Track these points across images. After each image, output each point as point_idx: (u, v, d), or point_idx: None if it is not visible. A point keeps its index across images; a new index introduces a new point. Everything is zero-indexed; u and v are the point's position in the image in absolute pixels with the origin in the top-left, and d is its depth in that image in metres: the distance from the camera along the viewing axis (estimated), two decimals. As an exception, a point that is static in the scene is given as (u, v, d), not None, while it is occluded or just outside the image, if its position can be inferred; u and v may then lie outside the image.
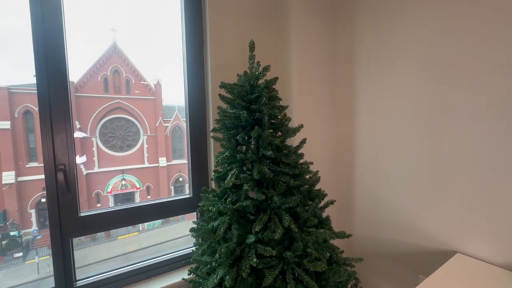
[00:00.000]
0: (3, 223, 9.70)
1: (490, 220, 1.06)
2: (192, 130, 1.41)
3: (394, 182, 1.40)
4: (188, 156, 1.42)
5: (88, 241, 10.49)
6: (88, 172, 11.06)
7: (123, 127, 11.37)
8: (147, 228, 11.50)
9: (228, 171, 1.03)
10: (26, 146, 10.01)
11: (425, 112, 1.24)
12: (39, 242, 10.32)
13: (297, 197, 0.92)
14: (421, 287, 0.93)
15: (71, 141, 1.16)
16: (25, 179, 10.12)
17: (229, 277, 0.86)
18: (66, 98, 1.14)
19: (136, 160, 11.69)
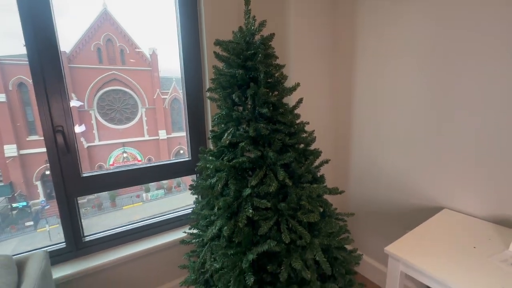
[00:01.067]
0: (11, 194, 10.02)
1: (476, 178, 1.11)
2: (188, 91, 1.40)
3: (389, 144, 1.43)
4: (185, 119, 1.43)
5: (95, 210, 10.91)
6: (89, 145, 11.14)
7: (120, 99, 11.19)
8: (150, 198, 11.89)
9: (225, 130, 1.04)
10: (25, 119, 9.96)
11: (423, 77, 1.22)
12: (48, 212, 10.75)
13: (292, 154, 0.94)
14: (407, 237, 0.99)
15: (67, 104, 1.15)
16: (27, 152, 10.23)
17: (227, 227, 0.91)
18: (58, 65, 1.11)
19: (136, 133, 11.70)
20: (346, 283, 1.04)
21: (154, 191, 11.67)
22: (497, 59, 0.99)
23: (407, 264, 0.87)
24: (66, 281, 1.16)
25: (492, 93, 1.02)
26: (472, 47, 1.05)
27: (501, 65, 0.98)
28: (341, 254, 1.06)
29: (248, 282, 0.85)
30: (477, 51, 1.04)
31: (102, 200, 11.21)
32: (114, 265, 1.26)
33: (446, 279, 0.76)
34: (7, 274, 0.83)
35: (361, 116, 1.56)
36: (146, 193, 11.61)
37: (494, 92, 1.01)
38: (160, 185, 12.05)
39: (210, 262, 1.00)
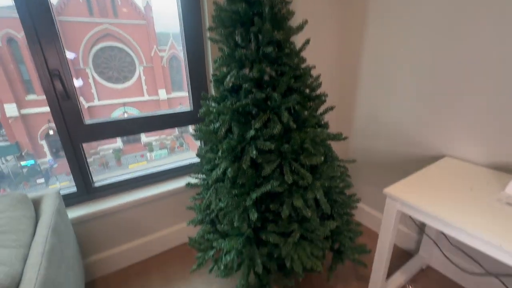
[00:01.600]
0: (19, 153, 10.26)
1: (478, 126, 1.10)
2: (187, 33, 1.30)
3: (394, 95, 1.38)
4: (185, 65, 1.37)
5: (102, 169, 11.26)
6: (90, 105, 11.03)
7: (116, 57, 10.73)
8: (154, 158, 12.18)
9: (227, 73, 1.00)
10: (20, 78, 9.70)
11: (432, 30, 1.13)
12: (56, 170, 11.12)
13: (297, 96, 0.91)
14: (406, 180, 1.01)
15: (61, 49, 1.09)
16: (28, 112, 10.20)
17: (231, 169, 0.93)
18: (48, 12, 1.02)
19: (135, 92, 11.47)
20: (344, 222, 1.11)
21: (158, 151, 11.93)
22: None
23: (404, 203, 0.90)
24: (79, 222, 1.24)
25: (500, 47, 0.95)
26: None
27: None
28: (341, 197, 1.10)
29: (252, 218, 0.90)
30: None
31: (108, 159, 11.52)
32: (124, 208, 1.34)
33: (440, 215, 0.79)
34: (25, 208, 0.88)
35: (368, 64, 1.49)
36: (150, 152, 11.89)
37: (502, 45, 0.94)
38: (163, 145, 12.26)
39: (215, 202, 1.05)
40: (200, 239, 1.17)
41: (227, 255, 0.99)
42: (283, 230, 0.97)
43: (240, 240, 0.97)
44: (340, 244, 1.13)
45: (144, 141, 12.02)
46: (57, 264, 0.78)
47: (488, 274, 1.18)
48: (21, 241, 0.75)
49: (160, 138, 12.14)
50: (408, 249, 1.53)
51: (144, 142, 12.05)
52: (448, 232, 0.80)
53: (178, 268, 1.43)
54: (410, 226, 1.49)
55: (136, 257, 1.47)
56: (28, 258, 0.71)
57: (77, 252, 1.12)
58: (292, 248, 0.95)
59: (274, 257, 1.04)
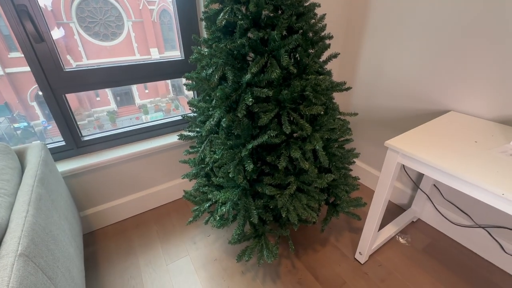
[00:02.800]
0: (10, 114, 10.03)
1: (485, 80, 1.04)
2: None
3: (402, 47, 1.27)
4: (174, 8, 1.21)
5: (97, 131, 11.19)
6: (78, 63, 10.45)
7: (101, 10, 9.84)
8: (150, 120, 12.04)
9: (220, 10, 0.87)
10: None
11: None
12: (51, 132, 11.03)
13: (299, 37, 0.81)
14: (408, 133, 0.97)
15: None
16: (13, 71, 9.68)
17: (225, 119, 0.87)
18: None
19: (126, 51, 10.80)
20: (341, 176, 1.09)
21: (153, 113, 11.71)
22: None
23: (405, 155, 0.87)
24: (71, 175, 1.22)
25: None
26: None
27: None
28: (340, 151, 1.07)
29: (247, 169, 0.87)
30: None
31: (103, 121, 11.36)
32: (117, 162, 1.31)
33: (442, 166, 0.76)
34: (8, 158, 0.83)
35: (377, 14, 1.34)
36: (145, 115, 11.67)
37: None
38: (158, 107, 12.00)
39: (210, 155, 1.01)
40: (196, 192, 1.16)
41: (223, 206, 0.99)
42: (279, 182, 0.96)
43: (235, 192, 0.95)
44: (335, 198, 1.13)
45: (139, 103, 11.70)
46: (47, 213, 0.76)
47: (477, 226, 1.22)
48: (6, 190, 0.72)
49: (155, 100, 11.82)
50: (401, 204, 1.56)
51: (138, 104, 11.74)
52: (449, 183, 0.78)
53: (176, 220, 1.46)
54: (405, 182, 1.51)
55: (133, 210, 1.48)
56: (14, 205, 0.69)
57: (71, 205, 1.11)
58: (288, 199, 0.94)
59: (270, 208, 1.04)
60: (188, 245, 1.31)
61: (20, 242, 0.57)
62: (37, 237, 0.63)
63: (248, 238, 1.08)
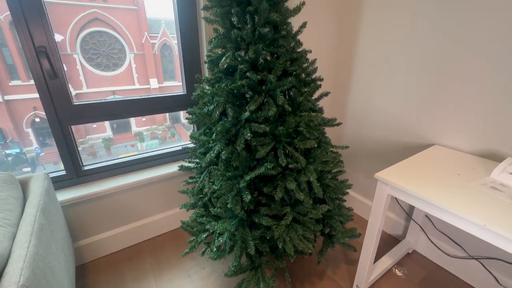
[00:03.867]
0: (3, 141, 9.91)
1: (467, 116, 1.14)
2: (180, 12, 1.26)
3: (389, 85, 1.40)
4: (179, 47, 1.33)
5: (90, 158, 11.02)
6: (78, 92, 10.69)
7: (105, 43, 10.35)
8: (145, 148, 12.00)
9: (222, 55, 0.98)
10: (3, 62, 9.28)
11: (424, 23, 1.14)
12: (43, 159, 10.84)
13: (293, 79, 0.91)
14: (396, 166, 1.04)
15: (47, 24, 1.04)
16: (12, 98, 9.81)
17: (225, 151, 0.93)
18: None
19: (126, 80, 11.15)
20: (336, 206, 1.13)
21: (149, 141, 11.74)
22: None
23: (394, 187, 0.92)
24: (70, 204, 1.22)
25: (487, 40, 0.96)
26: None
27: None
28: (333, 182, 1.12)
29: (245, 199, 0.90)
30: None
31: (97, 149, 11.27)
32: (115, 192, 1.32)
33: (428, 197, 0.82)
34: (12, 188, 0.85)
35: (363, 54, 1.49)
36: (141, 143, 11.68)
37: (489, 39, 0.96)
38: (154, 135, 12.06)
39: (209, 186, 1.05)
40: (193, 222, 1.17)
41: (220, 237, 1.00)
42: (276, 213, 0.98)
43: (233, 222, 0.97)
44: (331, 228, 1.15)
45: (135, 130, 11.78)
46: (47, 244, 0.77)
47: (470, 258, 1.24)
48: (9, 220, 0.73)
49: (151, 128, 11.93)
50: (395, 235, 1.58)
51: (134, 131, 11.81)
52: (436, 214, 0.83)
53: (170, 252, 1.43)
54: (398, 212, 1.54)
55: (127, 241, 1.46)
56: (17, 236, 0.70)
57: (67, 235, 1.10)
58: (284, 230, 0.97)
59: (267, 239, 1.05)
60: (183, 279, 1.27)
61: (22, 274, 0.58)
62: (37, 268, 0.64)
63: (244, 270, 1.07)
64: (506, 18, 0.96)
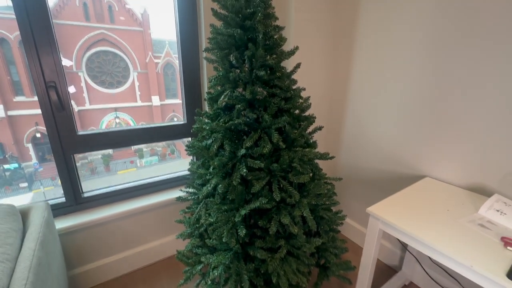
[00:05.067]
0: (2, 155, 9.92)
1: (458, 150, 1.18)
2: (183, 51, 1.36)
3: (381, 116, 1.46)
4: (181, 81, 1.41)
5: (89, 174, 10.98)
6: (80, 108, 10.86)
7: (110, 61, 10.68)
8: (144, 164, 12.00)
9: (221, 92, 1.04)
10: (10, 79, 9.51)
11: (419, 58, 1.22)
12: (41, 174, 10.79)
13: (287, 118, 0.96)
14: (387, 200, 1.07)
15: (58, 60, 1.12)
16: (15, 114, 9.95)
17: (221, 185, 0.96)
18: (46, 17, 1.05)
19: (128, 98, 11.37)
20: (330, 239, 1.14)
21: (148, 158, 11.74)
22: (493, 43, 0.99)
23: (385, 223, 0.95)
24: (67, 232, 1.23)
25: (477, 79, 1.04)
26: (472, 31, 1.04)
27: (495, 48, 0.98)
28: (327, 214, 1.14)
29: (240, 234, 0.92)
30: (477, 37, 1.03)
31: (96, 164, 11.25)
32: (113, 219, 1.34)
33: (418, 235, 0.84)
34: (13, 220, 0.87)
35: (356, 88, 1.57)
36: (140, 159, 11.68)
37: (478, 78, 1.03)
38: (154, 151, 12.09)
39: (205, 217, 1.07)
40: (188, 252, 1.18)
41: (215, 270, 1.01)
42: (270, 246, 1.00)
43: (228, 255, 0.99)
44: (325, 261, 1.16)
45: (134, 147, 11.82)
46: (43, 279, 0.78)
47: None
48: (9, 255, 0.75)
49: (151, 145, 11.98)
50: (392, 265, 1.57)
51: (134, 148, 11.85)
52: (425, 252, 0.85)
53: (165, 281, 1.42)
54: (394, 243, 1.54)
55: (123, 269, 1.45)
56: (15, 272, 0.71)
57: (62, 265, 1.11)
58: (278, 264, 0.98)
59: (261, 272, 1.06)
60: (176, 310, 1.26)
61: (19, 314, 0.59)
62: (34, 307, 0.65)
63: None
64: (495, 58, 1.03)
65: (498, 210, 0.95)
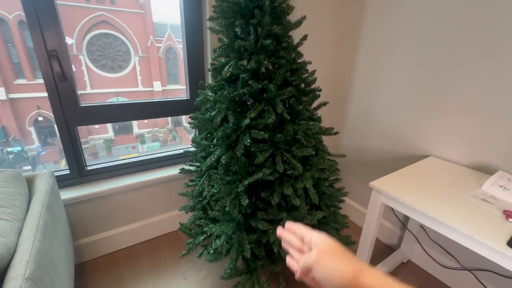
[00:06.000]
0: (5, 138, 9.98)
1: (461, 129, 1.17)
2: (187, 20, 1.32)
3: (385, 95, 1.44)
4: (184, 55, 1.38)
5: (91, 159, 11.07)
6: (81, 93, 10.76)
7: (111, 45, 10.50)
8: (146, 150, 12.05)
9: (226, 63, 1.02)
10: (10, 61, 9.40)
11: (423, 37, 1.18)
12: (44, 158, 10.89)
13: (292, 89, 0.95)
14: (391, 175, 1.07)
15: (59, 30, 1.09)
16: (16, 97, 9.90)
17: (225, 156, 0.96)
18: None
19: (130, 83, 11.27)
20: (331, 213, 1.15)
21: (150, 143, 11.77)
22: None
23: (387, 196, 0.95)
24: (72, 203, 1.25)
25: (481, 59, 1.01)
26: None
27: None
28: (329, 190, 1.15)
29: (243, 203, 0.93)
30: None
31: (98, 149, 11.31)
32: (116, 192, 1.35)
33: (420, 207, 0.85)
34: (19, 185, 0.88)
35: (363, 65, 1.54)
36: (142, 144, 11.72)
37: (482, 59, 1.00)
38: (156, 137, 12.11)
39: (208, 189, 1.08)
40: (191, 225, 1.19)
41: (217, 240, 1.02)
42: (272, 218, 1.01)
43: (230, 226, 1.00)
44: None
45: (136, 132, 11.84)
46: (51, 240, 0.80)
47: (463, 269, 1.26)
48: (16, 216, 0.76)
49: (153, 130, 11.99)
50: (391, 244, 1.60)
51: (136, 133, 11.86)
52: (426, 224, 0.85)
53: (168, 254, 1.45)
54: (393, 221, 1.56)
55: (126, 242, 1.48)
56: (23, 230, 0.73)
57: (68, 233, 1.13)
58: (280, 235, 0.99)
59: (263, 243, 1.08)
60: (179, 281, 1.29)
61: (28, 266, 0.61)
62: (41, 262, 0.67)
63: (240, 274, 1.09)
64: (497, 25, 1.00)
65: (501, 186, 0.95)
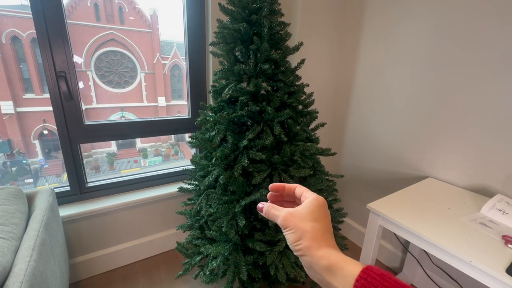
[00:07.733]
0: (10, 151, 10.10)
1: (460, 151, 1.18)
2: (190, 45, 1.38)
3: (385, 116, 1.46)
4: (187, 75, 1.43)
5: (93, 173, 11.09)
6: (87, 107, 11.01)
7: (119, 61, 10.86)
8: (148, 164, 12.06)
9: (226, 86, 1.06)
10: (20, 76, 9.72)
11: (422, 60, 1.23)
12: (47, 171, 10.93)
13: (290, 111, 0.97)
14: (389, 197, 1.06)
15: (69, 52, 1.15)
16: (24, 110, 10.14)
17: (223, 176, 0.97)
18: (60, 12, 1.09)
19: (135, 98, 11.52)
20: (329, 235, 1.14)
21: (152, 158, 11.81)
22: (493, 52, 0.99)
23: (385, 218, 0.95)
24: (70, 220, 1.25)
25: (481, 81, 1.04)
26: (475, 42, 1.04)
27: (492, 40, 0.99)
28: (327, 210, 1.14)
29: (240, 224, 0.93)
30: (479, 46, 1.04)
31: (101, 163, 11.35)
32: (116, 209, 1.35)
33: (418, 231, 0.84)
34: (19, 202, 0.90)
35: (361, 86, 1.58)
36: (144, 159, 11.75)
37: (481, 81, 1.03)
38: (158, 152, 12.16)
39: (206, 208, 1.08)
40: (188, 244, 1.18)
41: (214, 261, 1.01)
42: (269, 239, 1.00)
43: (227, 247, 0.99)
44: (324, 257, 1.15)
45: (139, 146, 11.91)
46: (46, 259, 0.80)
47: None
48: (14, 234, 0.77)
49: (156, 145, 12.06)
50: (393, 267, 1.56)
51: (139, 147, 11.93)
52: (425, 247, 0.84)
53: (164, 274, 1.43)
54: (395, 243, 1.53)
55: (122, 260, 1.46)
56: (19, 250, 0.73)
57: (65, 251, 1.13)
58: (277, 257, 0.98)
59: (259, 265, 1.06)
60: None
61: (22, 287, 0.61)
62: (36, 283, 0.67)
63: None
64: (496, 60, 1.04)
65: (500, 210, 0.94)
